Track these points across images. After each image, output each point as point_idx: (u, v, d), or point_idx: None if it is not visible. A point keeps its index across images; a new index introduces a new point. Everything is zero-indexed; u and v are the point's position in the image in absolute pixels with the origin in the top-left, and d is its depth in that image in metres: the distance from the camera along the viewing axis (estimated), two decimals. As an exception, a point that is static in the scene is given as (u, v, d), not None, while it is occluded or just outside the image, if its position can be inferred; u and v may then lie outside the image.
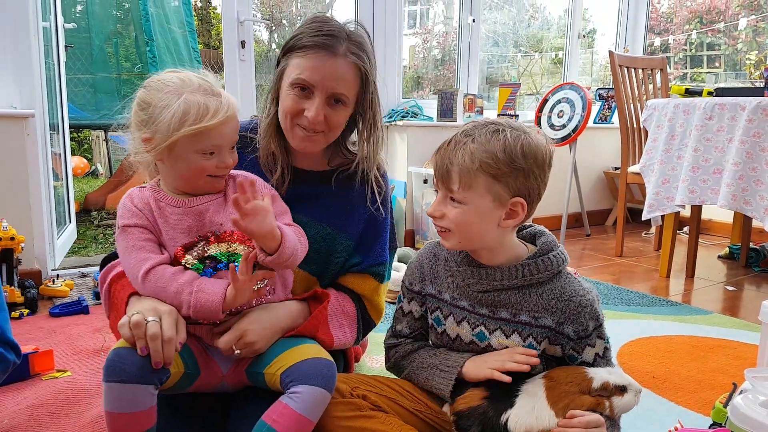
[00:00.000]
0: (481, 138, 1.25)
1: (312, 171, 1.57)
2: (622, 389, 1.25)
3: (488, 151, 1.23)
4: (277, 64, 1.49)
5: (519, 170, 1.25)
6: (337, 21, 1.45)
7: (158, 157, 1.30)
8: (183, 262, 1.29)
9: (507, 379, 1.25)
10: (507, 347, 1.33)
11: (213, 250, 1.31)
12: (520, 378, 1.30)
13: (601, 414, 1.23)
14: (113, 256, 1.45)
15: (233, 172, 1.41)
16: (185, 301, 1.24)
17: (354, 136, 1.60)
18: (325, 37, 1.40)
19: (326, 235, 1.53)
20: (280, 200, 1.46)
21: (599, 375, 1.25)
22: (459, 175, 1.25)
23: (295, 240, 1.34)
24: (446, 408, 1.36)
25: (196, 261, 1.30)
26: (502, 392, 1.25)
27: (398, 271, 2.77)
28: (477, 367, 1.32)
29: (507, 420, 1.24)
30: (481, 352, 1.37)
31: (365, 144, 1.54)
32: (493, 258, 1.34)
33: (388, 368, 1.52)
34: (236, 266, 1.25)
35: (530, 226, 1.43)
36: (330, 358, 1.31)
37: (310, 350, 1.32)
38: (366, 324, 1.59)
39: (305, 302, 1.46)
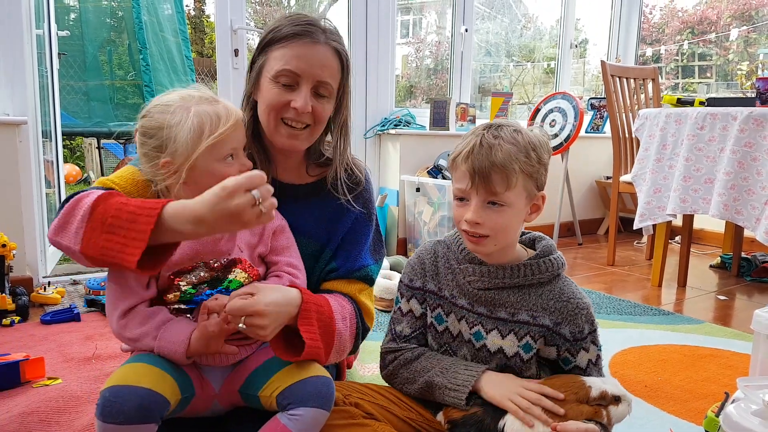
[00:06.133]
0: (509, 138, 1.27)
1: (294, 185, 1.54)
2: (617, 399, 1.26)
3: (523, 149, 1.26)
4: (252, 64, 1.45)
5: (543, 165, 1.30)
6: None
7: (184, 179, 1.22)
8: (177, 283, 1.25)
9: None
10: (501, 348, 1.34)
11: (216, 275, 1.28)
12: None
13: (599, 423, 1.23)
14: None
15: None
16: (148, 345, 1.21)
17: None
18: (306, 25, 1.38)
19: (314, 251, 1.51)
20: (288, 232, 1.43)
21: (596, 384, 1.26)
22: (502, 175, 1.24)
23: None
24: (440, 416, 1.35)
25: (189, 287, 1.26)
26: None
27: (391, 280, 2.77)
28: (499, 393, 1.27)
29: (504, 427, 1.24)
30: (477, 351, 1.37)
31: (339, 137, 1.52)
32: (501, 256, 1.35)
33: (384, 376, 1.47)
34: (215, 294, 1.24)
35: (528, 231, 1.45)
36: (327, 374, 1.27)
37: (307, 367, 1.27)
38: (364, 330, 1.51)
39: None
